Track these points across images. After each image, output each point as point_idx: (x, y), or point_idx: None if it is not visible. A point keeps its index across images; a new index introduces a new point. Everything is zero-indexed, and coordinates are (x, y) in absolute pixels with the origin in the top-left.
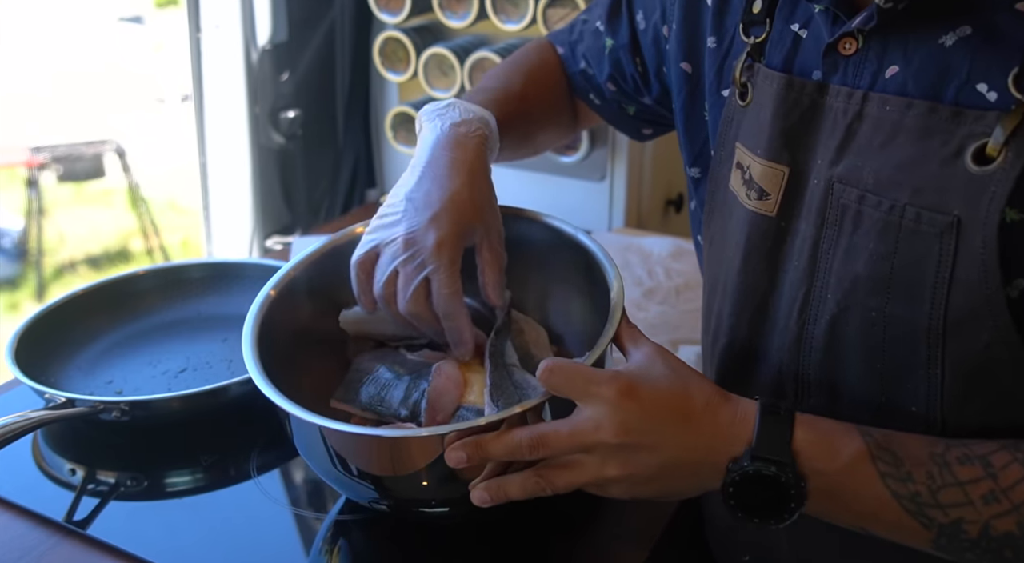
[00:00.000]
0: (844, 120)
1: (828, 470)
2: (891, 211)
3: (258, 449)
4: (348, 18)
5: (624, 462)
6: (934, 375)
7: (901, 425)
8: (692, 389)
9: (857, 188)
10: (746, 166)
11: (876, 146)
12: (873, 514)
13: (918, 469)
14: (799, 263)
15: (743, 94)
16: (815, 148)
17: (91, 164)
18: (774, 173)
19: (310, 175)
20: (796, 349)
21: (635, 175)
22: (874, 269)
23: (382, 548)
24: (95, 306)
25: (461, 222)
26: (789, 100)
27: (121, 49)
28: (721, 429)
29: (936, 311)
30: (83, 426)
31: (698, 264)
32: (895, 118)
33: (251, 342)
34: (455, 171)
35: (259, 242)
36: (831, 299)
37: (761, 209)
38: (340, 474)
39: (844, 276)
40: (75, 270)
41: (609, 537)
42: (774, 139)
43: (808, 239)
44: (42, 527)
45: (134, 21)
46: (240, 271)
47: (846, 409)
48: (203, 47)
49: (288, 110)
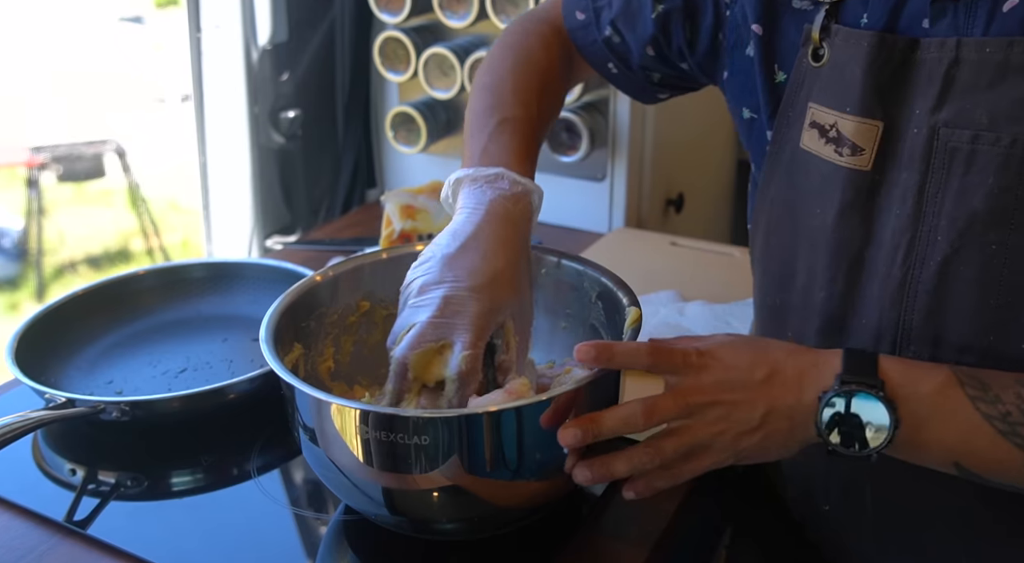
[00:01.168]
0: (940, 68)
1: (917, 394)
2: (1013, 145)
3: (258, 449)
4: (348, 18)
5: (726, 417)
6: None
7: (1006, 368)
8: (765, 344)
9: (969, 129)
10: (829, 124)
11: (984, 86)
12: (965, 441)
13: (1006, 391)
14: (901, 211)
15: (816, 55)
16: (909, 101)
17: (91, 164)
18: (868, 129)
19: (310, 175)
20: (899, 296)
21: (635, 175)
22: (995, 203)
23: (386, 549)
24: (95, 306)
25: (499, 299)
26: (881, 58)
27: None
28: (806, 369)
29: None
30: (83, 426)
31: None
32: (999, 59)
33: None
34: (501, 247)
35: (259, 242)
36: (942, 241)
37: (856, 164)
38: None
39: (958, 216)
40: (75, 270)
41: (609, 537)
42: (867, 96)
43: (912, 187)
44: (42, 527)
45: (134, 21)
46: (240, 271)
47: (949, 354)
48: (203, 47)
49: (288, 110)
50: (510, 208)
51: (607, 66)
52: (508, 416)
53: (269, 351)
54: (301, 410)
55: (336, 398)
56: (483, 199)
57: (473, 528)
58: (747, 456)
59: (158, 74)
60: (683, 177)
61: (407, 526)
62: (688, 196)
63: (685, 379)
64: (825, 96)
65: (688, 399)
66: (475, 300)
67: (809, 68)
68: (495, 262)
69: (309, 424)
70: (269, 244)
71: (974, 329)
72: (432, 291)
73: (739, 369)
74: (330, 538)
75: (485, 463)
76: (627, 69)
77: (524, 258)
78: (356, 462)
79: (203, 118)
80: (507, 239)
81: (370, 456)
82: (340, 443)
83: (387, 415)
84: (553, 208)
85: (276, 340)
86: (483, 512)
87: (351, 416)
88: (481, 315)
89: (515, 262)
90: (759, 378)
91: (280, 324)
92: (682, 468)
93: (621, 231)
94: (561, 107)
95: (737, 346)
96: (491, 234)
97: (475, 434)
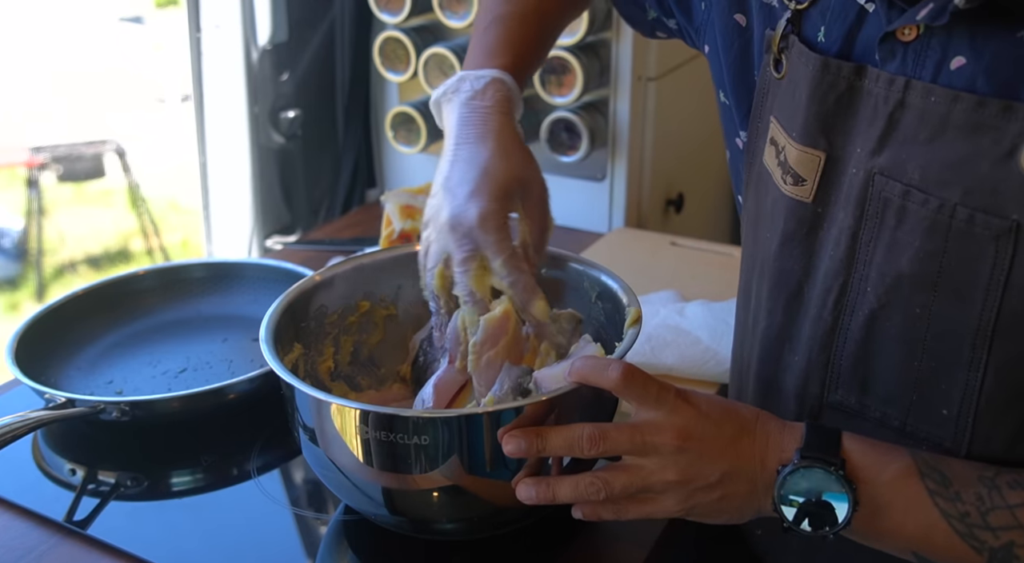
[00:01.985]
0: (885, 108)
1: (877, 480)
2: (940, 210)
3: (258, 449)
4: (348, 18)
5: (685, 467)
6: (974, 378)
7: (929, 427)
8: (739, 405)
9: (901, 182)
10: (781, 146)
11: (922, 140)
12: (924, 536)
13: (967, 489)
14: (835, 253)
15: (777, 65)
16: (853, 134)
17: (91, 164)
18: (810, 159)
19: (310, 175)
20: (829, 340)
21: (635, 175)
22: (920, 267)
23: (385, 549)
24: (95, 306)
25: (499, 191)
26: (825, 83)
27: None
28: (772, 437)
29: (987, 312)
30: (83, 426)
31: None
32: (941, 111)
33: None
34: (482, 144)
35: (259, 242)
36: (871, 293)
37: (797, 195)
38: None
39: (887, 272)
40: (75, 270)
41: (609, 537)
42: (809, 123)
43: (846, 230)
44: (42, 527)
45: (134, 21)
46: (240, 271)
47: (875, 404)
48: (203, 47)
49: (288, 110)
50: (478, 104)
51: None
52: (507, 416)
53: (269, 351)
54: (301, 410)
55: (336, 398)
56: (453, 110)
57: (472, 528)
58: (698, 514)
59: (158, 74)
60: (683, 177)
61: (407, 526)
62: (688, 196)
63: (653, 415)
64: (780, 112)
65: (646, 437)
66: (476, 206)
67: (772, 78)
68: (479, 159)
69: (309, 424)
70: (269, 244)
71: (900, 385)
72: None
73: (710, 420)
74: (330, 538)
75: (485, 463)
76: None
77: (511, 143)
78: (356, 462)
79: (203, 118)
80: (484, 134)
81: (370, 456)
82: (340, 443)
83: (387, 415)
84: (553, 208)
85: (276, 340)
86: (482, 512)
87: (351, 416)
88: (485, 218)
89: (500, 151)
90: (728, 434)
91: (280, 324)
92: (628, 508)
93: (621, 231)
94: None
95: (714, 400)
96: (469, 137)
97: (475, 434)
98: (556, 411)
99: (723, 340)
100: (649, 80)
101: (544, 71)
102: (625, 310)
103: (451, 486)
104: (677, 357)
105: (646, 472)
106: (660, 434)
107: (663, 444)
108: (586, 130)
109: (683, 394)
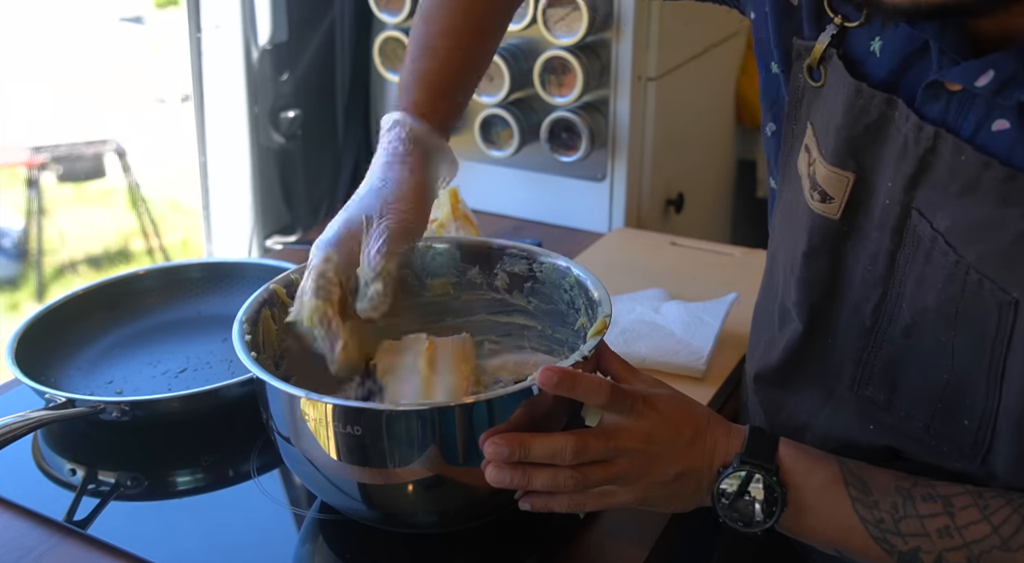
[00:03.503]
0: (916, 149)
1: (805, 486)
2: (957, 265)
3: (258, 449)
4: (348, 18)
5: (647, 467)
6: (991, 405)
7: (951, 433)
8: (695, 407)
9: (931, 226)
10: (812, 158)
11: (952, 192)
12: (843, 537)
13: (884, 498)
14: (873, 268)
15: (812, 72)
16: (882, 161)
17: (91, 164)
18: (839, 179)
19: (310, 175)
20: (865, 340)
21: (635, 175)
22: (942, 306)
23: (367, 547)
24: (95, 306)
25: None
26: (857, 107)
27: (121, 49)
28: (719, 440)
29: (996, 362)
30: (83, 426)
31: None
32: (972, 174)
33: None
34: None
35: (259, 242)
36: (907, 310)
37: (825, 212)
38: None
39: (917, 299)
40: (75, 270)
41: (609, 537)
42: (840, 143)
43: (884, 251)
44: (42, 527)
45: (134, 21)
46: (240, 271)
47: (902, 405)
48: (203, 47)
49: (288, 110)
50: (401, 153)
51: None
52: (479, 407)
53: (241, 346)
54: (272, 406)
55: (306, 392)
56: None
57: (446, 521)
58: (650, 504)
59: (158, 74)
60: (683, 177)
61: (382, 520)
62: (688, 196)
63: (622, 420)
64: (818, 122)
65: (618, 442)
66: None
67: (807, 85)
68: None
69: (281, 421)
70: (269, 244)
71: (927, 392)
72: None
73: (670, 425)
74: (305, 535)
75: (458, 454)
76: None
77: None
78: (328, 457)
79: (203, 118)
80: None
81: (341, 451)
82: (311, 439)
83: (356, 409)
84: (553, 208)
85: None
86: (463, 503)
87: (323, 410)
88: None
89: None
90: (685, 438)
91: (254, 319)
92: (587, 501)
93: (621, 231)
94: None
95: (674, 402)
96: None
97: (447, 425)
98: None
99: (696, 334)
100: (649, 80)
101: (544, 71)
102: (598, 309)
103: (428, 478)
104: (651, 348)
105: (615, 469)
106: (628, 439)
107: (631, 447)
108: (586, 130)
109: (649, 400)
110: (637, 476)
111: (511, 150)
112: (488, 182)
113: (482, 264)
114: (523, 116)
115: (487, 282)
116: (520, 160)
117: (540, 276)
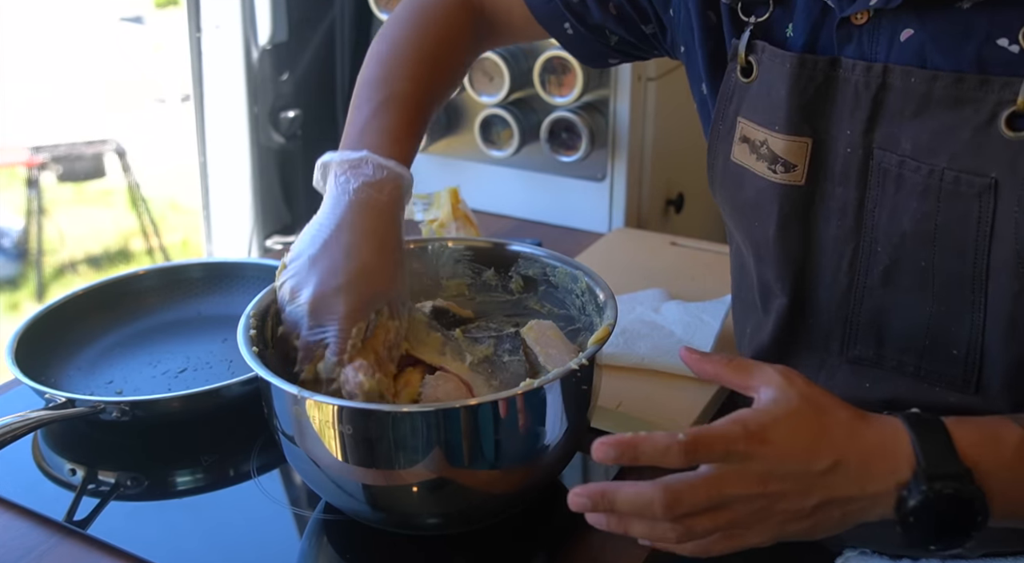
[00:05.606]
0: (868, 92)
1: (999, 466)
2: (930, 175)
3: (258, 449)
4: (348, 18)
5: (768, 508)
6: (977, 319)
7: (941, 368)
8: (828, 419)
9: (896, 154)
10: (760, 141)
11: (908, 115)
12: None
13: None
14: (843, 223)
15: (746, 71)
16: (836, 117)
17: (91, 164)
18: (798, 146)
19: (310, 175)
20: (846, 299)
21: (635, 175)
22: (919, 226)
23: (370, 547)
24: (95, 306)
25: (367, 293)
26: (803, 77)
27: (121, 49)
28: (873, 455)
29: (979, 261)
30: (83, 426)
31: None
32: (923, 90)
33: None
34: (365, 240)
35: (259, 242)
36: (882, 252)
37: (790, 180)
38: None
39: (892, 232)
40: (75, 270)
41: (608, 537)
42: (793, 115)
43: (851, 202)
44: (42, 527)
45: (134, 21)
46: (240, 271)
47: (891, 354)
48: (203, 47)
49: (288, 110)
50: (374, 195)
51: (563, 27)
52: (484, 409)
53: (246, 346)
54: (277, 407)
55: (311, 393)
56: (346, 188)
57: (450, 523)
58: (793, 538)
59: (158, 74)
60: (683, 177)
61: (386, 521)
62: (688, 196)
63: (724, 467)
64: (754, 113)
65: (724, 490)
66: (343, 301)
67: (739, 83)
68: (359, 257)
69: (286, 421)
70: (269, 244)
71: (913, 333)
72: (300, 296)
73: (796, 457)
74: (309, 537)
75: (463, 456)
76: (585, 28)
77: (392, 245)
78: (332, 458)
79: (203, 118)
80: (371, 230)
81: (345, 452)
82: (316, 439)
83: (361, 411)
84: (553, 208)
85: (259, 335)
86: (467, 505)
87: (328, 411)
88: (348, 316)
89: (382, 251)
90: (819, 469)
91: (261, 320)
92: (712, 545)
93: (621, 231)
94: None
95: (797, 422)
96: (354, 226)
97: (452, 426)
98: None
99: (696, 334)
100: (649, 80)
101: (544, 71)
102: (604, 313)
103: (432, 480)
104: (650, 348)
105: (728, 516)
106: (739, 485)
107: (744, 494)
108: (586, 130)
109: (757, 435)
110: (760, 519)
111: (511, 150)
112: (488, 182)
113: (497, 266)
114: (523, 116)
115: (502, 284)
116: (520, 160)
117: (554, 280)
